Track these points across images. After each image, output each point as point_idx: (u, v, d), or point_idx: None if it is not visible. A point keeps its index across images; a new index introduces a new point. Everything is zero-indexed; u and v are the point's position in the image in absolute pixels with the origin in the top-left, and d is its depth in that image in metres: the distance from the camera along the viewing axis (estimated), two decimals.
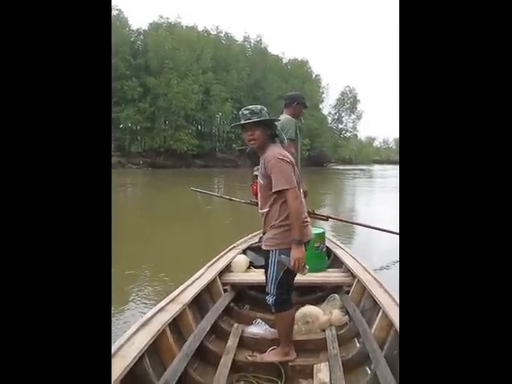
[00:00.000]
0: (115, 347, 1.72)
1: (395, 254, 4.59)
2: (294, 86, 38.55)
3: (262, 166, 2.16)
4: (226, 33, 45.59)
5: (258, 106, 2.18)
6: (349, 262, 3.29)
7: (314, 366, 2.15)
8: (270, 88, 41.64)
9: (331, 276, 3.29)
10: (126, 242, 6.07)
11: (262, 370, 2.21)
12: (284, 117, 3.55)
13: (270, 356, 2.29)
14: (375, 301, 2.49)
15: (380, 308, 2.37)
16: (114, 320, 3.27)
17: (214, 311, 2.68)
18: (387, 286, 2.60)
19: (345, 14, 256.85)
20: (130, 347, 1.76)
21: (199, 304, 2.70)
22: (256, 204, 3.64)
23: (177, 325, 2.31)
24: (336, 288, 3.09)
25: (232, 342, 2.40)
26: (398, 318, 2.04)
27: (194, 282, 2.77)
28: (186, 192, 5.90)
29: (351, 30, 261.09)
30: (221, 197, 5.07)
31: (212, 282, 2.94)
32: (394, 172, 31.89)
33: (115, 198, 11.23)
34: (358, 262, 3.26)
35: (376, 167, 55.32)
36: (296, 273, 2.19)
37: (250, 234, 4.24)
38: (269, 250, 2.18)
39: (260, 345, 2.45)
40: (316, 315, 2.64)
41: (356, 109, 58.38)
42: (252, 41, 46.51)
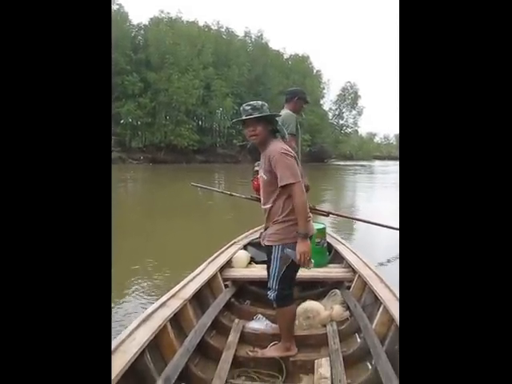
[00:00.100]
0: (116, 342, 1.72)
1: (395, 249, 4.59)
2: (295, 82, 38.52)
3: (264, 162, 2.16)
4: (226, 28, 45.58)
5: (260, 102, 2.18)
6: (350, 257, 3.30)
7: (315, 362, 2.15)
8: (270, 83, 41.54)
9: (332, 271, 3.29)
10: (126, 238, 6.07)
11: (263, 366, 2.21)
12: (285, 112, 3.55)
13: (271, 351, 2.30)
14: (376, 296, 2.49)
15: (381, 303, 2.38)
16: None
17: (215, 307, 2.69)
18: (388, 281, 2.60)
19: (346, 9, 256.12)
20: (131, 342, 1.77)
21: (200, 299, 2.70)
22: (257, 199, 3.66)
23: (178, 320, 2.31)
24: (337, 283, 3.10)
25: (233, 338, 2.40)
26: (398, 313, 2.05)
27: (194, 277, 2.77)
28: (187, 187, 5.89)
29: (352, 25, 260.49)
30: (222, 192, 5.07)
31: (213, 278, 2.94)
32: (394, 168, 31.84)
33: (116, 193, 11.27)
34: (358, 257, 3.26)
35: (377, 163, 55.33)
36: (300, 267, 2.19)
37: (250, 230, 4.24)
38: (271, 246, 2.18)
39: (261, 340, 2.45)
40: (317, 310, 2.64)
41: (357, 104, 58.41)
42: (253, 36, 46.49)
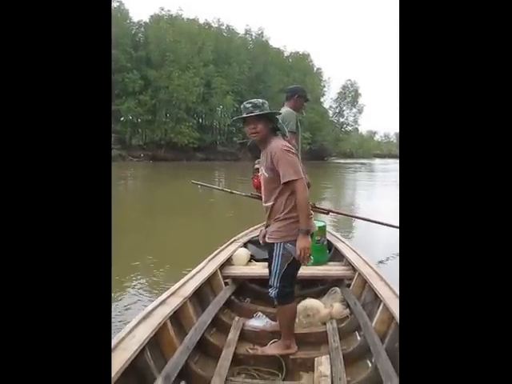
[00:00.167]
0: (116, 340, 1.73)
1: (395, 247, 4.59)
2: (296, 80, 38.35)
3: (265, 159, 2.16)
4: (227, 25, 45.31)
5: (260, 100, 2.18)
6: (350, 255, 3.30)
7: (315, 359, 2.15)
8: (271, 81, 41.38)
9: (332, 269, 3.29)
10: (126, 235, 6.07)
11: (263, 363, 2.22)
12: (285, 109, 3.55)
13: (271, 349, 2.30)
14: (376, 294, 2.50)
15: (381, 301, 2.38)
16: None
17: (215, 304, 2.69)
18: (388, 279, 2.60)
19: (347, 7, 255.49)
20: (130, 340, 1.77)
21: (200, 297, 2.70)
22: (257, 197, 3.65)
23: (178, 318, 2.32)
24: (337, 281, 3.10)
25: (233, 335, 2.40)
26: (398, 311, 2.05)
27: (194, 275, 2.77)
28: (187, 185, 5.88)
29: (353, 23, 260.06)
30: (222, 190, 5.06)
31: (213, 275, 2.94)
32: (395, 166, 31.84)
33: (116, 190, 11.26)
34: (358, 255, 3.26)
35: (377, 161, 55.30)
36: (300, 264, 2.19)
37: (251, 228, 4.24)
38: (273, 243, 2.18)
39: (261, 338, 2.46)
40: (317, 308, 2.65)
41: (357, 102, 58.26)
42: (253, 34, 46.23)
